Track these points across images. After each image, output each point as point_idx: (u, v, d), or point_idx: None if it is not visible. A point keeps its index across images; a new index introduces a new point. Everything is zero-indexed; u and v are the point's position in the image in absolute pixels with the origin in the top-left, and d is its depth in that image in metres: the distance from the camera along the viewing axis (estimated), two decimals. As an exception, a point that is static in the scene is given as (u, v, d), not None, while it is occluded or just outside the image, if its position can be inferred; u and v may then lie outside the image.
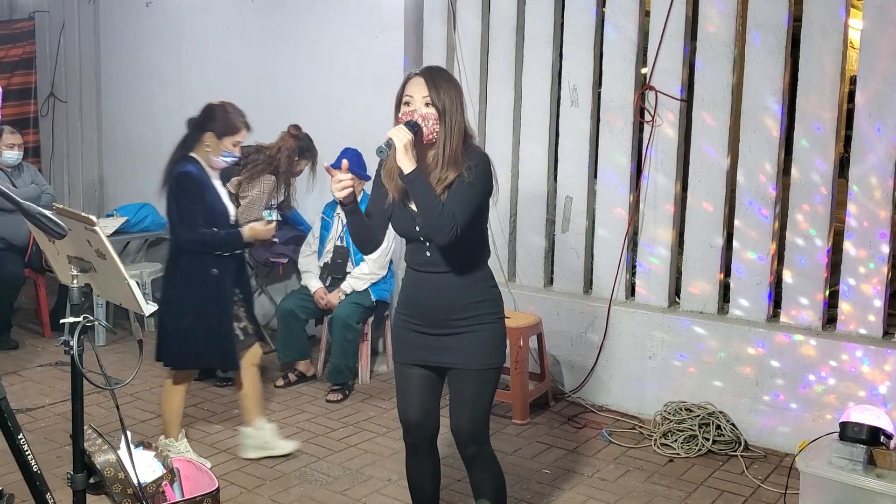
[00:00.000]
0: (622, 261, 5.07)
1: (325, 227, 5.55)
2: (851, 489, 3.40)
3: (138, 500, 2.88)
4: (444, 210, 2.73)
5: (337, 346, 5.20)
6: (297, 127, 5.50)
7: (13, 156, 6.06)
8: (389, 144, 2.71)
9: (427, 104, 2.78)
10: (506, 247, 5.53)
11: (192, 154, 4.00)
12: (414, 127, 2.75)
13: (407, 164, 2.71)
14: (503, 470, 3.12)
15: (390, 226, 2.99)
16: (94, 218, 2.48)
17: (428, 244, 2.89)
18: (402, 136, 2.70)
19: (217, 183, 4.06)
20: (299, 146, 5.49)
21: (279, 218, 5.56)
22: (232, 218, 4.09)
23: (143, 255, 7.36)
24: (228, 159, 4.01)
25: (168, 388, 4.23)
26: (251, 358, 4.25)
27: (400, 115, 2.84)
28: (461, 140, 2.81)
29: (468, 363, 2.92)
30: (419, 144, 2.79)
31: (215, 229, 3.94)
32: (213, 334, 4.02)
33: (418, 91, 2.79)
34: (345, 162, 2.84)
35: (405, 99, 2.82)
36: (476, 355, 2.92)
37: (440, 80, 2.81)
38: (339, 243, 5.45)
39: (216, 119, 3.98)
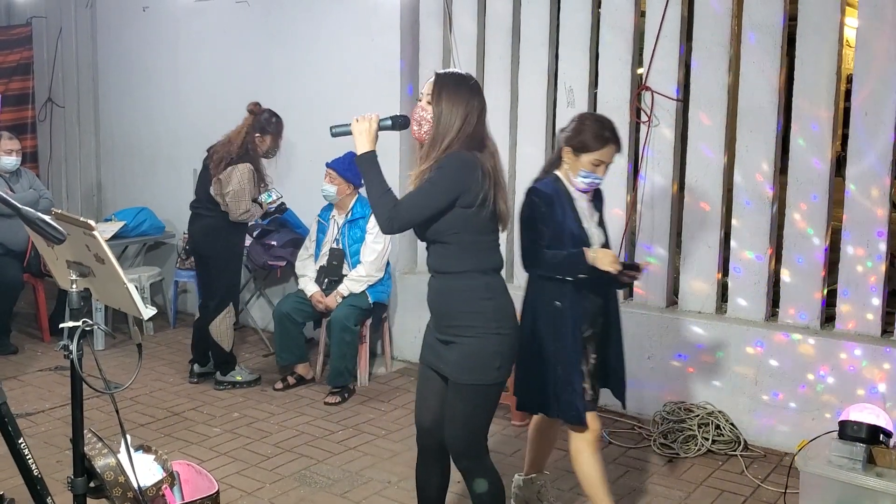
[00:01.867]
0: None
1: (321, 230, 5.55)
2: (851, 488, 3.40)
3: (138, 503, 2.88)
4: (387, 195, 2.82)
5: (335, 349, 5.20)
6: (255, 104, 5.29)
7: (11, 161, 6.06)
8: (346, 129, 2.92)
9: (428, 103, 2.87)
10: (504, 248, 5.51)
11: (557, 172, 3.44)
12: (400, 121, 2.92)
13: (360, 146, 2.87)
14: (501, 472, 3.10)
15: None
16: (92, 222, 2.48)
17: (427, 247, 2.94)
18: (361, 126, 2.87)
19: (582, 205, 3.41)
20: (258, 123, 5.25)
21: (281, 195, 5.54)
22: (595, 245, 3.40)
23: (142, 259, 7.36)
24: (587, 180, 3.34)
25: (574, 449, 3.49)
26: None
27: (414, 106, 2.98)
28: (449, 146, 2.82)
29: (456, 377, 2.89)
30: (411, 137, 2.93)
31: (559, 251, 3.33)
32: (548, 378, 3.38)
33: (427, 88, 2.89)
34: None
35: (419, 94, 2.95)
36: (462, 370, 2.86)
37: (448, 85, 2.85)
38: (334, 246, 5.45)
39: (573, 131, 3.38)
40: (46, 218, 2.25)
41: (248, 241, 6.25)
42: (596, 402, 3.49)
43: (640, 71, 5.00)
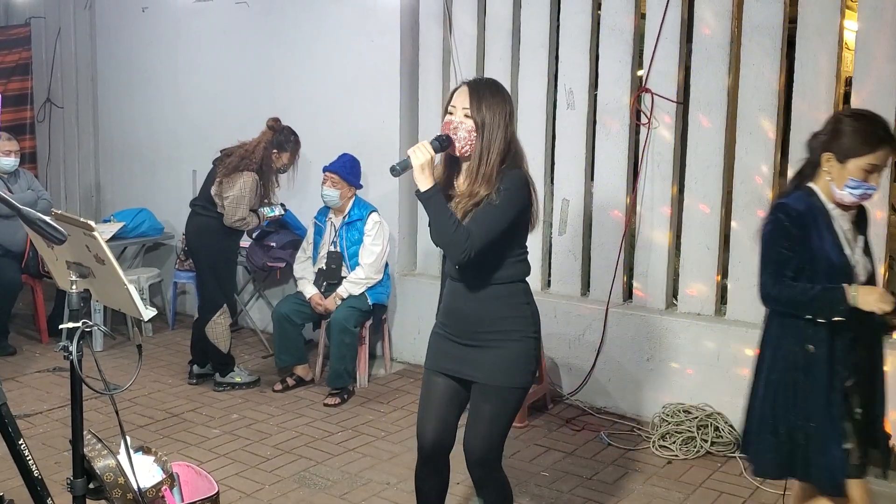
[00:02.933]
0: (619, 263, 5.08)
1: (319, 233, 5.54)
2: (850, 489, 3.40)
3: (138, 505, 2.88)
4: (458, 230, 2.69)
5: (335, 350, 5.20)
6: (275, 119, 5.33)
7: (10, 162, 6.05)
8: (404, 164, 2.71)
9: (467, 115, 2.76)
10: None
11: (811, 184, 2.89)
12: (444, 142, 2.75)
13: (423, 182, 2.69)
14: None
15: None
16: (92, 223, 2.48)
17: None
18: (420, 156, 2.69)
19: (843, 226, 2.88)
20: (277, 139, 5.29)
21: (283, 213, 5.57)
22: (860, 277, 2.87)
23: (141, 260, 7.35)
24: (857, 192, 2.80)
25: None
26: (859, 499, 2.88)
27: (444, 122, 2.83)
28: (499, 158, 2.76)
29: (489, 379, 2.85)
30: (452, 156, 2.80)
31: (810, 285, 2.79)
32: (796, 437, 2.86)
33: (461, 102, 2.77)
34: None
35: (449, 108, 2.82)
36: (498, 372, 2.84)
37: (485, 93, 2.77)
38: (332, 249, 5.44)
39: (832, 133, 2.83)
40: (47, 218, 2.25)
41: (247, 242, 6.26)
42: (864, 469, 2.88)
43: (639, 73, 5.01)
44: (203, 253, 5.31)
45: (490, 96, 2.77)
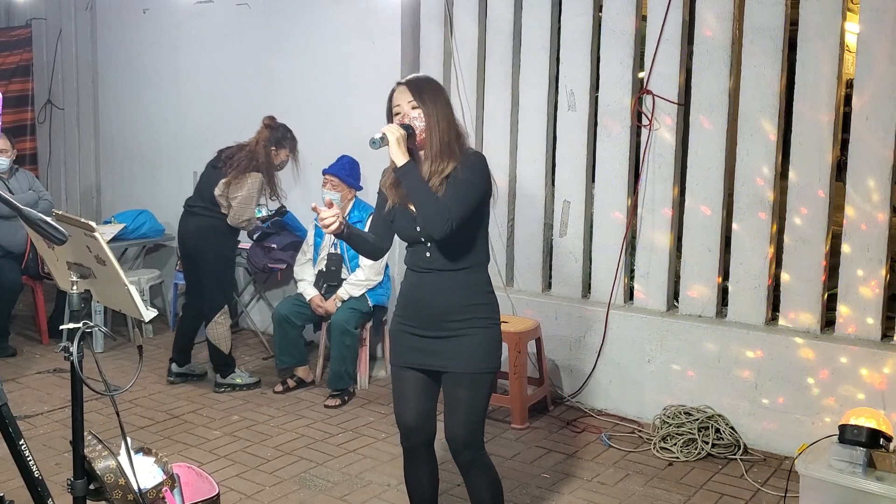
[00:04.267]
0: (620, 265, 5.07)
1: (319, 235, 5.54)
2: (851, 492, 3.40)
3: (138, 506, 2.88)
4: (439, 202, 2.81)
5: (335, 352, 5.20)
6: (271, 118, 5.38)
7: (3, 162, 6.04)
8: (383, 138, 2.83)
9: (413, 107, 2.89)
10: (504, 251, 5.53)
11: None
12: (408, 129, 2.87)
13: (400, 157, 2.83)
14: (502, 475, 3.12)
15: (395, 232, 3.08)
16: (93, 224, 2.48)
17: (429, 245, 2.94)
18: (394, 131, 2.83)
19: None
20: (275, 136, 5.33)
21: (270, 212, 5.60)
22: None
23: (141, 261, 7.35)
24: None
25: None
26: None
27: (394, 121, 2.95)
28: (451, 131, 2.91)
29: (462, 367, 2.93)
30: (414, 146, 2.90)
31: None
32: None
33: (404, 98, 2.91)
34: (328, 199, 2.97)
35: (394, 109, 2.95)
36: (470, 359, 2.93)
37: (422, 83, 2.94)
38: (332, 250, 5.44)
39: None
40: (48, 219, 2.25)
41: (248, 243, 6.26)
42: None
43: (640, 75, 5.00)
44: (207, 254, 5.30)
45: (425, 82, 2.95)
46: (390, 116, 2.96)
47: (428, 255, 2.95)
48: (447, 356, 2.94)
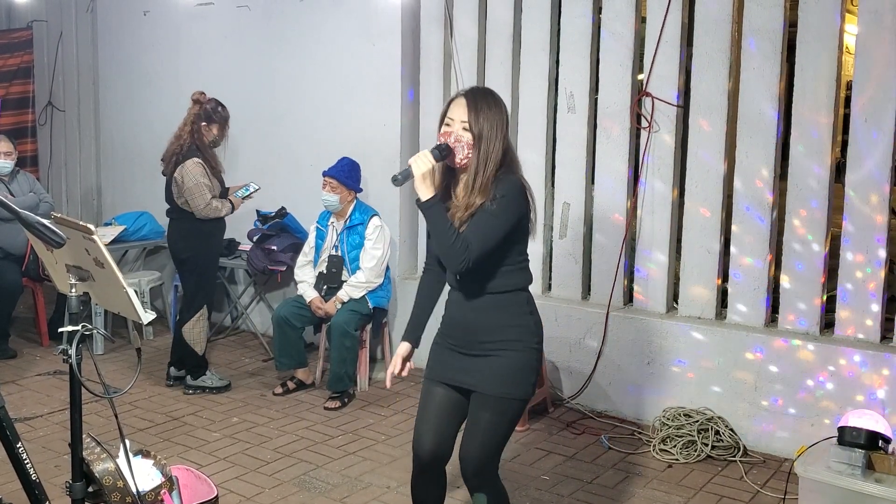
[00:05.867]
0: (620, 266, 5.07)
1: (320, 237, 5.54)
2: (850, 494, 3.40)
3: (137, 508, 2.88)
4: (457, 240, 2.69)
5: (335, 354, 5.20)
6: (200, 93, 5.25)
7: (5, 165, 6.05)
8: (406, 173, 2.71)
9: (465, 128, 2.75)
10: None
11: None
12: (444, 150, 2.74)
13: (424, 191, 2.70)
14: (501, 477, 3.09)
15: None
16: (92, 226, 2.48)
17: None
18: (421, 165, 2.69)
19: None
20: (205, 111, 5.21)
21: (257, 188, 5.48)
22: None
23: (142, 263, 7.36)
24: None
25: None
26: None
27: (440, 133, 2.82)
28: (495, 168, 2.75)
29: (488, 388, 2.83)
30: (451, 167, 2.79)
31: None
32: None
33: (458, 114, 2.77)
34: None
35: (446, 120, 2.81)
36: (497, 381, 2.82)
37: (482, 104, 2.77)
38: (333, 252, 5.44)
39: None
40: (45, 222, 2.26)
41: (248, 245, 6.27)
42: None
43: (640, 77, 5.01)
44: (189, 256, 5.32)
45: (487, 108, 2.76)
46: (441, 125, 2.82)
47: (457, 276, 2.86)
48: (476, 375, 2.85)
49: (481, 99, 2.78)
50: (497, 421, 2.84)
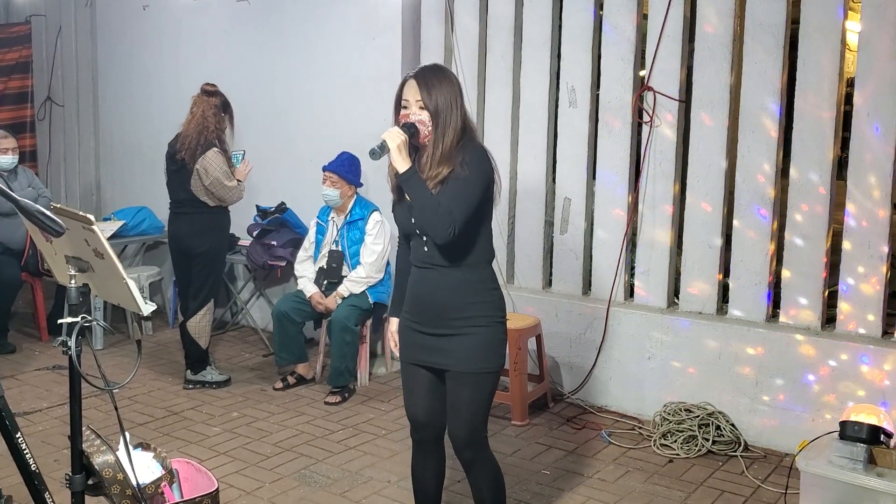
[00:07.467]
0: (621, 262, 5.07)
1: (321, 232, 5.53)
2: (852, 488, 3.39)
3: (137, 500, 2.87)
4: (441, 208, 2.75)
5: (336, 349, 5.19)
6: (210, 84, 5.31)
7: (7, 160, 6.04)
8: (383, 146, 2.77)
9: (421, 107, 2.82)
10: (504, 249, 5.52)
11: None
12: (410, 129, 2.82)
13: (401, 163, 2.78)
14: (503, 471, 3.10)
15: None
16: (91, 217, 2.47)
17: (425, 238, 2.90)
18: (395, 138, 2.77)
19: None
20: (222, 102, 5.27)
21: (243, 150, 5.51)
22: None
23: (141, 258, 7.35)
24: None
25: None
26: None
27: (398, 116, 2.90)
28: (455, 138, 2.83)
29: (463, 366, 2.90)
30: (417, 145, 2.85)
31: None
32: None
33: (412, 94, 2.85)
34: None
35: (403, 103, 2.88)
36: (472, 358, 2.90)
37: (432, 80, 2.84)
38: (334, 247, 5.43)
39: None
40: (45, 210, 2.25)
41: (248, 241, 6.26)
42: None
43: (642, 71, 4.99)
44: (202, 250, 5.28)
45: (438, 83, 2.83)
46: (398, 109, 2.90)
47: (426, 249, 2.91)
48: (449, 354, 2.92)
49: (431, 76, 2.86)
50: (477, 396, 2.94)
